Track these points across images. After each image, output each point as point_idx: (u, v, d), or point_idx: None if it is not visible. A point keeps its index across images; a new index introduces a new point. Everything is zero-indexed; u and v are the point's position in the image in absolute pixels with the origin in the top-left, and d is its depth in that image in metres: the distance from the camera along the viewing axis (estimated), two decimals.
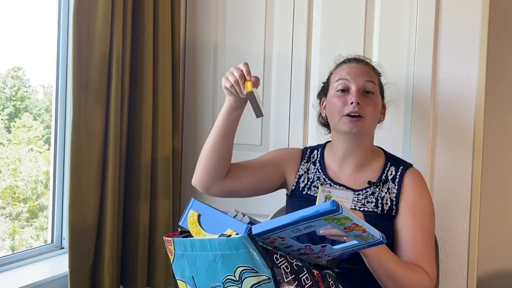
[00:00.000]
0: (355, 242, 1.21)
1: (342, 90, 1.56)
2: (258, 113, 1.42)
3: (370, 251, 1.35)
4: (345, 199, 1.37)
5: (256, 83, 1.43)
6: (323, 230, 1.22)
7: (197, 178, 1.65)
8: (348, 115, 1.53)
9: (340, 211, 1.05)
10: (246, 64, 1.45)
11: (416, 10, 1.96)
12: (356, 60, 1.64)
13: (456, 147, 1.93)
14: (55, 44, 1.98)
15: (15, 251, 2.01)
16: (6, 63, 2.06)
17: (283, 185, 1.74)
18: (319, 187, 1.36)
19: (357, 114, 1.52)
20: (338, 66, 1.66)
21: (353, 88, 1.55)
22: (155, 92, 2.08)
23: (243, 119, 2.23)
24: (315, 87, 2.12)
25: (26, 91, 2.15)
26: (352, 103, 1.52)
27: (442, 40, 1.94)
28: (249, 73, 1.43)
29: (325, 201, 1.32)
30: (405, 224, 1.53)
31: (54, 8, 1.98)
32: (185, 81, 2.35)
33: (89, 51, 1.83)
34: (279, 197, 2.15)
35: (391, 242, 1.54)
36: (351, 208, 1.47)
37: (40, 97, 2.23)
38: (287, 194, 1.75)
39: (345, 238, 1.24)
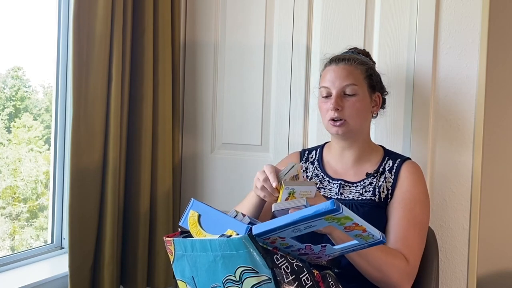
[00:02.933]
0: (355, 241, 1.21)
1: (326, 96, 1.63)
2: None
3: (337, 234, 1.34)
4: (308, 193, 1.38)
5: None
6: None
7: None
8: (331, 119, 1.60)
9: (341, 211, 1.05)
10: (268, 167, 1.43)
11: (416, 10, 1.96)
12: (337, 61, 1.65)
13: (456, 147, 1.93)
14: (55, 44, 1.98)
15: (15, 251, 2.01)
16: (6, 63, 2.06)
17: None
18: (282, 183, 1.37)
19: (339, 119, 1.59)
20: (324, 68, 1.70)
21: (333, 93, 1.60)
22: (155, 92, 2.08)
23: (243, 119, 2.24)
24: (315, 87, 2.12)
25: (26, 91, 2.15)
26: (332, 109, 1.60)
27: (442, 40, 1.94)
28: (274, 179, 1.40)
29: (289, 196, 1.35)
30: (393, 208, 1.57)
31: (54, 8, 1.98)
32: (185, 81, 2.35)
33: (89, 51, 1.83)
34: None
35: (384, 229, 1.57)
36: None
37: (40, 97, 2.23)
38: None
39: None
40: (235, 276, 1.11)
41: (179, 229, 1.30)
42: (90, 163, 1.85)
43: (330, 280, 1.22)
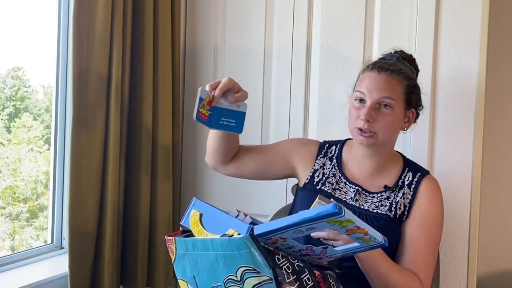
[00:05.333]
0: (357, 244, 1.21)
1: (360, 100, 1.53)
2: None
3: (363, 252, 1.34)
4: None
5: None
6: (315, 233, 1.23)
7: (206, 158, 1.74)
8: (359, 128, 1.51)
9: (343, 214, 1.05)
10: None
11: (416, 10, 1.96)
12: (380, 69, 1.54)
13: (456, 147, 1.94)
14: (55, 44, 1.98)
15: (15, 251, 2.01)
16: (6, 63, 2.05)
17: (293, 175, 1.73)
18: (318, 197, 1.34)
19: (368, 131, 1.50)
20: (364, 70, 1.59)
21: (367, 103, 1.50)
22: (155, 92, 2.08)
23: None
24: (315, 87, 2.12)
25: (26, 91, 2.15)
26: (363, 119, 1.50)
27: (442, 40, 1.94)
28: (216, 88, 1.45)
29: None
30: (411, 228, 1.52)
31: (54, 8, 1.98)
32: (185, 82, 2.35)
33: (89, 51, 1.83)
34: (279, 197, 2.15)
35: (397, 245, 1.54)
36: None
37: (40, 97, 2.22)
38: (298, 185, 1.73)
39: (332, 242, 1.24)
40: (236, 276, 1.11)
41: (181, 228, 1.30)
42: (90, 163, 1.85)
43: (331, 281, 1.22)
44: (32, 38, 2.03)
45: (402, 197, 1.55)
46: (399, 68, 1.55)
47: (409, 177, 1.59)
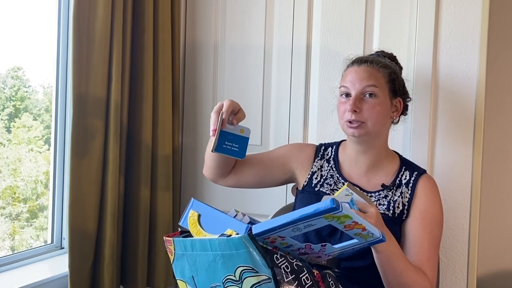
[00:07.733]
0: (355, 240, 1.21)
1: (346, 95, 1.57)
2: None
3: (382, 246, 1.35)
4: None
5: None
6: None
7: (204, 172, 1.73)
8: (348, 121, 1.54)
9: (340, 209, 1.05)
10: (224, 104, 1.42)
11: (416, 10, 1.96)
12: (359, 62, 1.59)
13: (456, 147, 1.93)
14: (55, 44, 1.99)
15: (15, 251, 2.01)
16: (6, 63, 2.06)
17: (292, 180, 1.74)
18: (346, 183, 1.35)
19: (356, 121, 1.53)
20: (346, 68, 1.64)
21: (352, 94, 1.55)
22: (155, 92, 2.08)
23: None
24: (315, 87, 2.12)
25: (26, 91, 2.15)
26: (349, 110, 1.53)
27: (442, 40, 1.94)
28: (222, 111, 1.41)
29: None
30: (414, 227, 1.52)
31: (54, 8, 1.98)
32: (185, 81, 2.35)
33: (89, 51, 1.83)
34: (279, 197, 2.15)
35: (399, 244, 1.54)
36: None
37: (40, 97, 2.23)
38: (297, 188, 1.74)
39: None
40: (235, 276, 1.11)
41: (179, 229, 1.30)
42: (90, 163, 1.85)
43: (330, 280, 1.22)
44: (32, 38, 2.04)
45: (400, 196, 1.56)
46: (377, 59, 1.60)
47: (406, 176, 1.59)
